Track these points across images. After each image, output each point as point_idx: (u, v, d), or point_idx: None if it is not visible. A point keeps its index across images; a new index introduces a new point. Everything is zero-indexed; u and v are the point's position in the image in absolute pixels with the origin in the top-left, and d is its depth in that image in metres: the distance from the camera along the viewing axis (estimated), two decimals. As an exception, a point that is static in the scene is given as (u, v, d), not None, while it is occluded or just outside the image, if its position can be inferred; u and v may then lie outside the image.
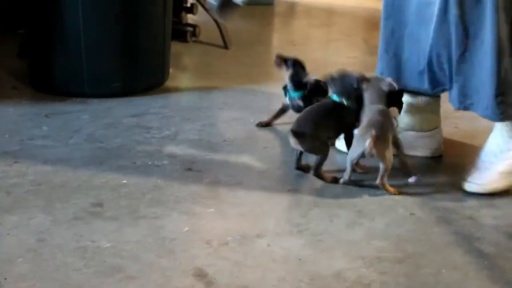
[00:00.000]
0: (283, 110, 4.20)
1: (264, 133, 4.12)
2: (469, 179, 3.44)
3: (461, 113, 3.83)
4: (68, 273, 2.64)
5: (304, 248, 2.89)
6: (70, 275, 2.63)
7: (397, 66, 3.74)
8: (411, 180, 3.53)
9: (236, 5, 3.67)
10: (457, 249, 2.93)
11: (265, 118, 4.27)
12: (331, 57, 5.98)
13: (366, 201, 3.33)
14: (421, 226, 3.11)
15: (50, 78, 4.69)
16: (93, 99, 4.53)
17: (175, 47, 5.41)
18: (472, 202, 3.36)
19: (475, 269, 2.79)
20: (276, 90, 4.89)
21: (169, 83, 4.96)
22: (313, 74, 4.90)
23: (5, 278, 2.58)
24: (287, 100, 4.14)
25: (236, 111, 4.45)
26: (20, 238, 2.87)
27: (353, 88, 3.59)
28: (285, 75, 4.11)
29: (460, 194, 3.42)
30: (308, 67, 4.49)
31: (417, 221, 3.15)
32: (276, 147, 3.94)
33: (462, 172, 3.60)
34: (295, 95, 4.07)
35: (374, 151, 3.29)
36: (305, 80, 4.08)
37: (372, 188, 3.43)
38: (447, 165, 3.80)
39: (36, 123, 4.12)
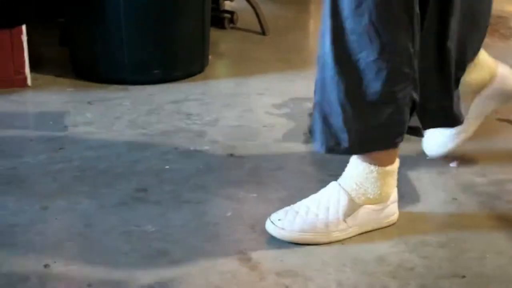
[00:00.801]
0: None
1: (304, 119, 4.11)
2: None
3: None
4: (115, 257, 2.67)
5: (347, 233, 2.89)
6: (117, 259, 2.66)
7: None
8: (453, 164, 3.50)
9: None
10: (501, 233, 2.90)
11: (305, 103, 4.27)
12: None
13: (407, 185, 3.31)
14: (463, 211, 3.09)
15: (91, 66, 4.72)
16: (134, 86, 4.56)
17: (213, 34, 5.40)
18: (514, 187, 3.33)
19: (520, 253, 2.77)
20: (314, 75, 4.89)
21: (208, 70, 4.97)
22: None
23: (55, 262, 2.61)
24: None
25: (275, 97, 4.44)
26: (68, 223, 2.90)
27: None
28: None
29: (503, 180, 3.39)
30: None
31: (459, 206, 3.12)
32: (316, 133, 3.92)
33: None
34: None
35: None
36: None
37: (413, 171, 3.42)
38: (486, 150, 3.75)
39: (79, 110, 4.15)
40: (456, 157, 3.56)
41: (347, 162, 3.46)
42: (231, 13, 6.20)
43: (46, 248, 2.72)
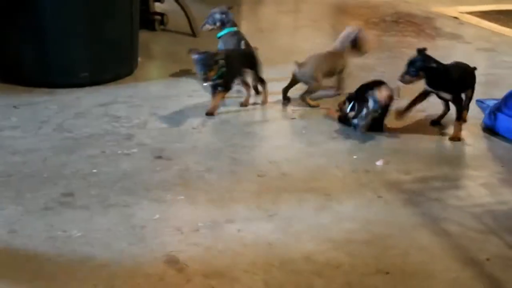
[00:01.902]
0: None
1: (233, 121, 4.12)
2: None
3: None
4: (40, 263, 2.64)
5: (274, 233, 2.91)
6: (43, 265, 2.63)
7: None
8: (378, 163, 3.56)
9: None
10: (424, 230, 2.97)
11: (234, 104, 4.30)
12: (299, 42, 5.99)
13: (333, 184, 3.35)
14: (388, 209, 3.15)
15: (17, 69, 4.64)
16: (61, 89, 4.49)
17: (144, 35, 5.37)
18: (437, 184, 3.40)
19: (441, 249, 2.83)
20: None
21: (138, 72, 4.94)
22: (281, 60, 4.93)
23: (-23, 270, 2.58)
24: None
25: (205, 98, 4.43)
26: (-9, 230, 2.86)
27: None
28: None
29: (426, 177, 3.46)
30: (275, 53, 4.49)
31: (384, 204, 3.18)
32: (246, 133, 3.94)
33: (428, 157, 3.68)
34: None
35: None
36: None
37: (339, 170, 3.47)
38: (413, 149, 3.82)
39: (4, 114, 4.08)
40: (382, 156, 3.63)
41: (275, 163, 3.50)
42: (162, 15, 6.17)
43: (-32, 256, 2.68)
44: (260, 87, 4.48)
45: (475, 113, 4.15)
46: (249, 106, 4.33)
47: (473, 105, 4.31)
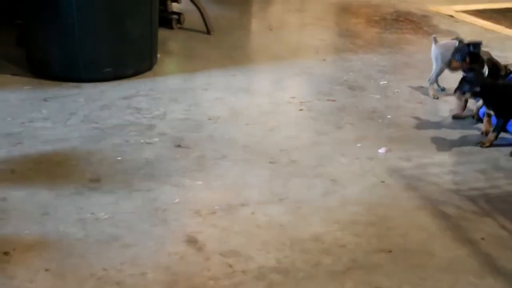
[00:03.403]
0: None
1: (246, 111, 4.13)
2: None
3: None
4: (70, 242, 2.66)
5: (285, 215, 2.92)
6: (73, 244, 2.65)
7: None
8: (381, 151, 3.57)
9: None
10: (423, 212, 2.98)
11: (246, 97, 4.31)
12: (305, 39, 5.98)
13: (339, 170, 3.36)
14: (390, 192, 3.15)
15: (47, 65, 4.66)
16: (87, 83, 4.51)
17: (162, 33, 5.37)
18: (436, 170, 3.40)
19: (440, 229, 2.84)
20: (255, 72, 4.93)
21: (157, 67, 4.94)
22: (289, 55, 4.93)
23: (14, 249, 2.59)
24: None
25: (219, 91, 4.45)
26: (26, 212, 2.88)
27: None
28: None
29: (426, 164, 3.47)
30: (284, 50, 4.48)
31: (386, 188, 3.19)
32: (257, 123, 3.94)
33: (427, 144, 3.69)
34: None
35: None
36: None
37: (344, 158, 3.48)
38: (414, 138, 3.82)
39: (36, 107, 4.10)
40: (385, 144, 3.63)
41: (285, 150, 3.50)
42: (179, 14, 6.17)
43: (6, 237, 2.70)
44: None
45: (469, 104, 4.14)
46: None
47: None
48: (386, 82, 4.72)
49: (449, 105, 4.19)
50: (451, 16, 6.84)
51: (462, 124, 3.99)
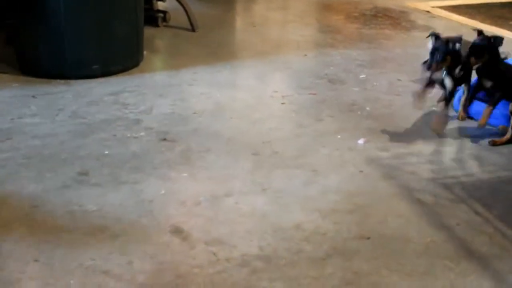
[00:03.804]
0: None
1: (231, 105, 4.13)
2: None
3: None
4: (59, 234, 2.66)
5: (267, 205, 2.93)
6: (61, 236, 2.65)
7: None
8: (360, 142, 3.58)
9: None
10: (401, 200, 3.00)
11: (230, 91, 4.31)
12: (288, 35, 5.98)
13: (320, 161, 3.37)
14: (369, 182, 3.17)
15: (35, 63, 4.64)
16: (75, 80, 4.49)
17: (148, 31, 5.36)
18: (413, 159, 3.42)
19: (417, 215, 2.86)
20: (239, 67, 4.93)
21: (143, 64, 4.93)
22: (272, 51, 4.93)
23: (5, 240, 2.59)
24: None
25: (204, 87, 4.44)
26: (15, 206, 2.87)
27: None
28: None
29: (403, 153, 3.48)
30: (267, 46, 4.46)
31: (365, 177, 3.20)
32: (241, 117, 3.94)
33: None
34: None
35: None
36: None
37: (324, 149, 3.49)
38: (391, 129, 3.84)
39: (24, 103, 4.08)
40: (363, 135, 3.65)
41: (267, 142, 3.51)
42: (164, 12, 6.15)
43: (-5, 229, 2.70)
44: None
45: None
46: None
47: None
48: (365, 75, 4.73)
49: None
50: (428, 11, 6.87)
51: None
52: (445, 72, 3.64)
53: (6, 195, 2.95)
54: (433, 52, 3.57)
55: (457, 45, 3.57)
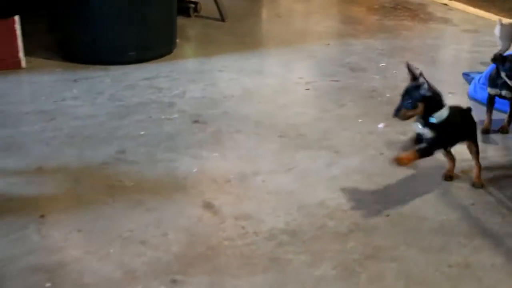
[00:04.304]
0: None
1: (258, 91, 4.14)
2: None
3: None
4: (100, 207, 2.70)
5: (293, 183, 2.94)
6: (101, 208, 2.69)
7: None
8: (380, 126, 3.57)
9: None
10: (418, 180, 2.99)
11: (258, 78, 4.32)
12: (311, 26, 5.97)
13: (342, 143, 3.37)
14: (388, 163, 3.14)
15: (76, 49, 4.69)
16: (113, 66, 4.53)
17: (180, 21, 5.37)
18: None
19: (433, 195, 2.85)
20: (266, 55, 4.94)
21: (176, 51, 4.95)
22: (297, 40, 4.91)
23: (49, 212, 2.64)
24: None
25: (233, 73, 4.46)
26: (59, 180, 2.91)
27: None
28: None
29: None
30: (292, 35, 4.45)
31: (385, 159, 3.18)
32: (268, 101, 3.96)
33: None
34: None
35: None
36: None
37: (347, 132, 3.49)
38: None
39: (66, 87, 4.13)
40: (383, 120, 3.64)
41: (292, 126, 3.51)
42: (195, 3, 6.16)
43: (41, 201, 2.74)
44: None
45: (462, 85, 4.13)
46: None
47: (459, 77, 4.32)
48: (385, 64, 4.72)
49: (444, 85, 4.16)
50: (445, 4, 6.80)
51: (457, 101, 3.96)
52: (419, 123, 2.75)
53: (52, 170, 3.01)
54: (404, 95, 2.76)
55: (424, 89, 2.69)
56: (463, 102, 3.97)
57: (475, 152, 2.96)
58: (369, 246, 2.48)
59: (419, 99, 2.69)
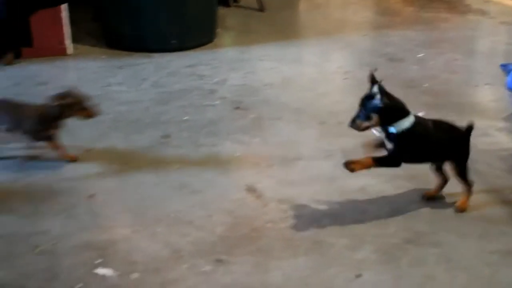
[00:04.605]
0: None
1: (297, 79, 4.13)
2: None
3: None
4: (146, 188, 2.73)
5: (334, 169, 2.91)
6: (148, 189, 2.72)
7: None
8: (419, 115, 3.53)
9: None
10: (458, 168, 2.95)
11: (297, 67, 4.31)
12: (349, 17, 5.93)
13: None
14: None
15: (121, 37, 4.73)
16: (156, 54, 4.56)
17: (220, 11, 5.37)
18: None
19: (475, 184, 2.81)
20: (304, 45, 4.93)
21: (217, 40, 4.97)
22: (335, 30, 4.88)
23: (98, 192, 2.67)
24: None
25: (273, 62, 4.46)
26: (107, 161, 2.95)
27: None
28: None
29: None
30: (329, 26, 4.40)
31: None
32: (307, 90, 3.95)
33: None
34: None
35: None
36: None
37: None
38: (448, 103, 3.77)
39: (112, 73, 4.18)
40: (422, 109, 3.59)
41: (333, 113, 3.49)
42: (235, -6, 6.18)
43: (91, 182, 2.78)
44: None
45: (499, 76, 4.06)
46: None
47: (497, 69, 4.24)
48: (422, 55, 4.67)
49: (481, 76, 4.13)
50: (482, -4, 6.70)
51: (494, 92, 3.92)
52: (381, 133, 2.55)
53: (99, 152, 3.05)
54: (359, 105, 2.58)
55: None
56: (501, 93, 3.92)
57: (458, 174, 2.58)
58: (410, 231, 2.46)
59: (373, 110, 2.49)
